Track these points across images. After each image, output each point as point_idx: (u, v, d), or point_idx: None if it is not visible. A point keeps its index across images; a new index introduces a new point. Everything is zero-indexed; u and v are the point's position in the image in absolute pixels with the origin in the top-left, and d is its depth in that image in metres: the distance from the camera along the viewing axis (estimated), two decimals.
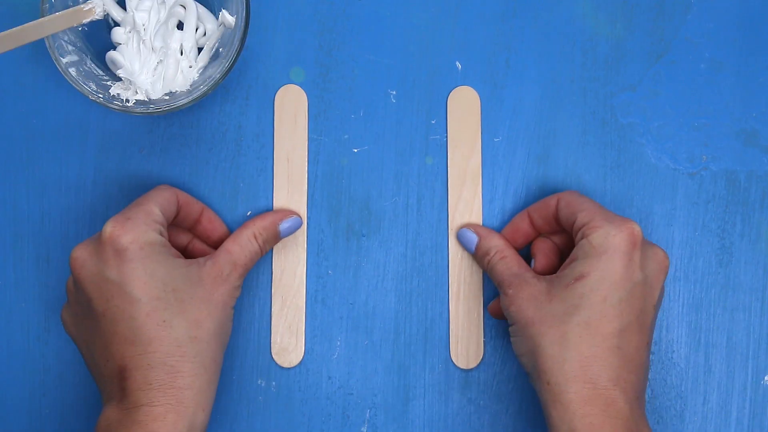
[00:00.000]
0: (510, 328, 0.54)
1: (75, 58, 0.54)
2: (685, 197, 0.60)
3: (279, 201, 0.59)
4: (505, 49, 0.60)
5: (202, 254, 0.58)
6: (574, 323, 0.51)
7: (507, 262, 0.56)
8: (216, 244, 0.58)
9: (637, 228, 0.52)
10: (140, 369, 0.49)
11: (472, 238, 0.58)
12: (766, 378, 0.60)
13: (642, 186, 0.60)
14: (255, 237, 0.56)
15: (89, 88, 0.53)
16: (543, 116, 0.60)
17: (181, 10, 0.56)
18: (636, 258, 0.52)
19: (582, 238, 0.53)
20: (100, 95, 0.53)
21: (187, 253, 0.58)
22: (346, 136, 0.60)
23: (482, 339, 0.59)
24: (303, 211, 0.60)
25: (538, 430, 0.59)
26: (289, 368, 0.59)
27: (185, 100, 0.54)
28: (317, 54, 0.60)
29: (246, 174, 0.60)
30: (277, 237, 0.57)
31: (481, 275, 0.60)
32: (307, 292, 0.60)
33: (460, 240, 0.59)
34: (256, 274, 0.59)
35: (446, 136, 0.60)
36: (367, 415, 0.59)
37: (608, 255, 0.51)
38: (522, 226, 0.58)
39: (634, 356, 0.51)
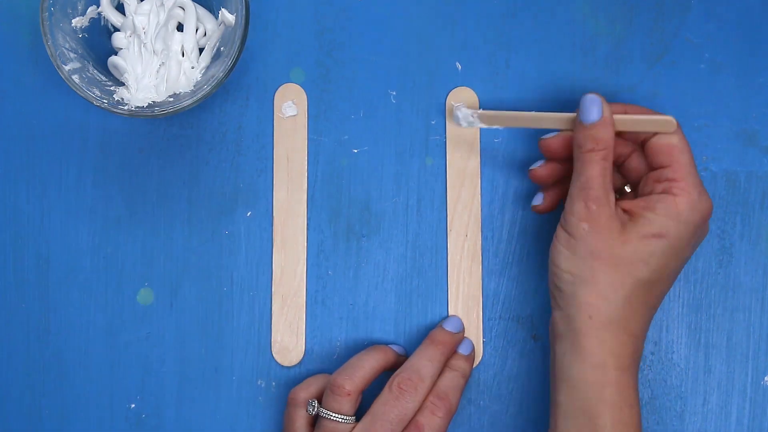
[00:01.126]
0: (564, 236, 0.52)
1: (77, 65, 0.54)
2: None
3: (279, 201, 0.59)
4: (505, 49, 0.60)
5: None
6: (637, 277, 0.51)
7: (608, 169, 0.53)
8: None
9: (711, 204, 0.53)
10: None
11: (598, 112, 0.53)
12: (766, 378, 0.60)
13: None
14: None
15: (93, 94, 0.53)
16: None
17: (180, 11, 0.56)
18: (701, 231, 0.54)
19: (666, 193, 0.52)
20: (104, 101, 0.53)
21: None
22: (345, 137, 0.60)
23: (481, 340, 0.59)
24: (303, 211, 0.60)
25: (538, 431, 0.59)
26: (289, 367, 0.59)
27: (189, 101, 0.54)
28: (317, 54, 0.60)
29: (246, 174, 0.60)
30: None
31: (480, 276, 0.60)
32: (308, 292, 0.60)
33: (584, 105, 0.53)
34: (256, 274, 0.59)
35: (445, 137, 0.60)
36: None
37: (686, 225, 0.52)
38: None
39: (655, 311, 0.54)
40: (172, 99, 0.55)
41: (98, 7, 0.56)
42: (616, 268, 0.51)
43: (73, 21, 0.55)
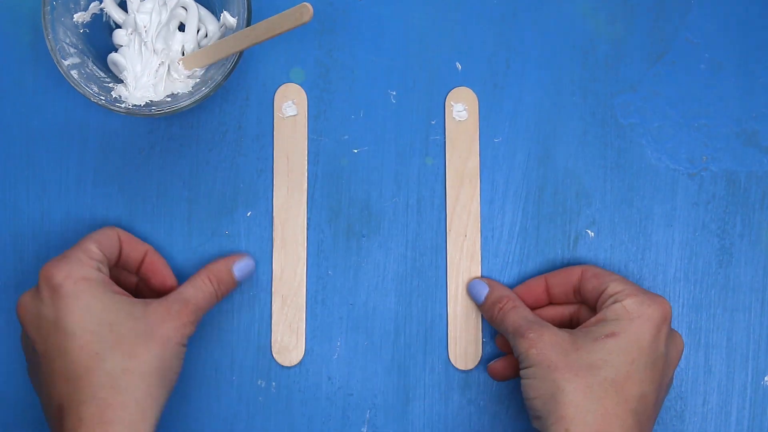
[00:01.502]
0: (524, 371, 0.53)
1: (77, 60, 0.54)
2: (685, 198, 0.60)
3: (279, 201, 0.59)
4: (505, 49, 0.60)
5: (162, 276, 0.58)
6: (602, 377, 0.51)
7: (520, 310, 0.55)
8: (160, 291, 0.57)
9: (669, 306, 0.53)
10: (73, 406, 0.49)
11: (483, 288, 0.58)
12: (766, 378, 0.60)
13: (642, 186, 0.60)
14: (210, 279, 0.55)
15: (91, 90, 0.53)
16: (543, 116, 0.60)
17: (183, 11, 0.56)
18: (663, 333, 0.53)
19: (615, 303, 0.53)
20: (102, 97, 0.53)
21: (136, 295, 0.58)
22: (346, 137, 0.60)
23: (481, 340, 0.59)
24: (303, 211, 0.60)
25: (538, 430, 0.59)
26: (289, 367, 0.59)
27: (187, 102, 0.54)
28: (317, 54, 0.60)
29: (246, 174, 0.60)
30: (232, 279, 0.57)
31: (479, 273, 0.60)
32: (307, 292, 0.60)
33: (470, 291, 0.59)
34: (257, 274, 0.59)
35: (444, 137, 0.60)
36: (367, 415, 0.59)
37: (641, 321, 0.52)
38: (537, 290, 0.58)
39: (645, 425, 0.52)
40: (170, 99, 0.55)
41: (101, 2, 0.56)
42: (578, 373, 0.51)
43: (74, 16, 0.55)
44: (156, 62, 0.55)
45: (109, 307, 0.51)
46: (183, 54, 0.56)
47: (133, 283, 0.58)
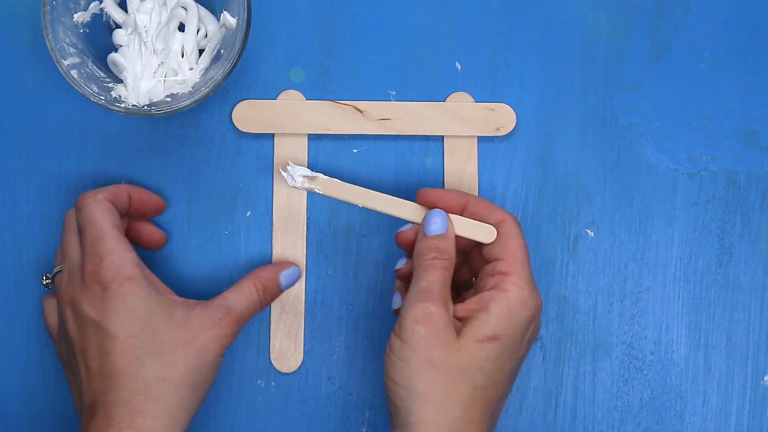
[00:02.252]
0: (399, 345, 0.50)
1: (77, 60, 0.54)
2: (684, 197, 0.60)
3: (279, 201, 0.59)
4: (504, 49, 0.60)
5: (149, 234, 0.58)
6: (473, 384, 0.49)
7: (449, 279, 0.52)
8: (152, 213, 0.57)
9: (541, 300, 0.52)
10: (106, 405, 0.49)
11: (442, 227, 0.53)
12: (765, 378, 0.60)
13: (642, 186, 0.60)
14: (256, 287, 0.55)
15: (91, 90, 0.53)
16: (543, 116, 0.60)
17: (183, 11, 0.56)
18: (531, 329, 0.52)
19: (498, 289, 0.51)
20: (101, 97, 0.53)
21: (132, 237, 0.57)
22: (346, 137, 0.60)
23: None
24: (303, 211, 0.60)
25: (538, 431, 0.59)
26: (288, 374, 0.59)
27: (187, 102, 0.54)
28: (317, 54, 0.60)
29: (246, 174, 0.60)
30: (278, 287, 0.56)
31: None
32: (307, 292, 0.60)
33: (430, 217, 0.53)
34: None
35: (443, 137, 0.60)
36: (367, 415, 0.59)
37: (518, 323, 0.51)
38: (455, 204, 0.54)
39: (495, 421, 0.52)
40: (169, 99, 0.55)
41: (101, 2, 0.56)
42: (452, 377, 0.49)
43: (74, 16, 0.55)
44: (156, 62, 0.55)
45: (153, 311, 0.51)
46: (182, 54, 0.56)
47: (126, 225, 0.57)
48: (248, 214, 0.60)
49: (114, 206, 0.54)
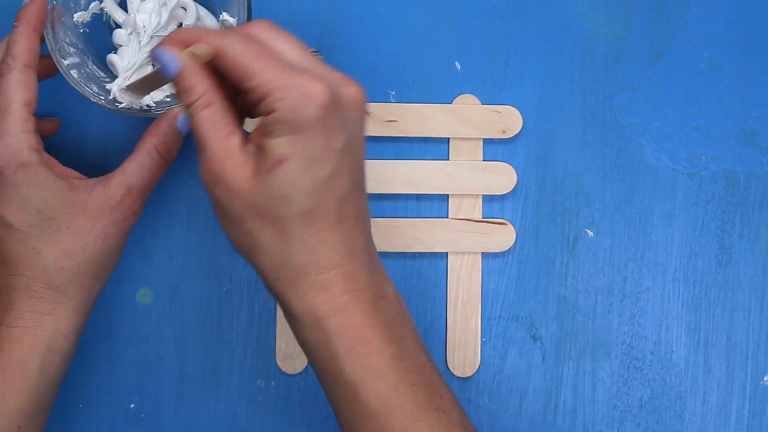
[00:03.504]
0: (216, 204, 0.45)
1: (77, 59, 0.54)
2: (684, 197, 0.60)
3: None
4: (504, 49, 0.60)
5: (39, 124, 0.52)
6: (290, 216, 0.44)
7: (218, 114, 0.44)
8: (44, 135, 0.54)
9: (320, 86, 0.43)
10: (6, 289, 0.50)
11: (172, 62, 0.44)
12: (765, 378, 0.60)
13: (642, 186, 0.60)
14: (156, 148, 0.51)
15: (91, 90, 0.53)
16: (543, 116, 0.60)
17: (183, 12, 0.56)
18: (334, 120, 0.43)
19: (266, 111, 0.43)
20: (101, 97, 0.53)
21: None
22: None
23: (479, 348, 0.59)
24: None
25: (537, 430, 0.59)
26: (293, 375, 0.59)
27: None
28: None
29: None
30: (179, 137, 0.52)
31: (480, 276, 0.59)
32: None
33: (158, 58, 0.45)
34: (256, 273, 0.59)
35: (448, 143, 0.60)
36: None
37: (305, 130, 0.43)
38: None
39: (356, 216, 0.45)
40: (169, 99, 0.55)
41: (101, 2, 0.56)
42: (265, 218, 0.44)
43: (75, 15, 0.55)
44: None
45: (49, 199, 0.49)
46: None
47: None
48: None
49: (36, 80, 0.51)
